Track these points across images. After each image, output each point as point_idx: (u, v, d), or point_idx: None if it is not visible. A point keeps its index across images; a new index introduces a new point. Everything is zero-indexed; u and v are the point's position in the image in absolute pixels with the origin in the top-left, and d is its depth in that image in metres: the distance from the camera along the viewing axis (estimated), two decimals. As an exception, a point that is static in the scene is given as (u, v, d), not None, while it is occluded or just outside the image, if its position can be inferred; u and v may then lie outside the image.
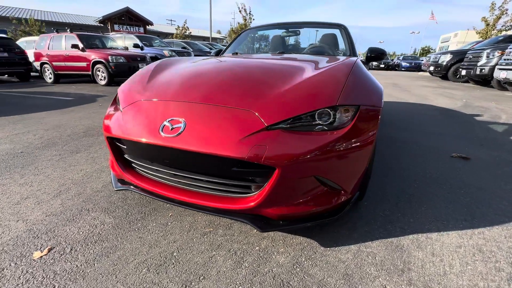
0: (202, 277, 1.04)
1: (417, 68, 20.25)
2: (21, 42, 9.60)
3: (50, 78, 7.90)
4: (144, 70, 1.66)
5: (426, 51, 48.08)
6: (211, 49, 13.19)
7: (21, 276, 1.03)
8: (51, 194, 1.62)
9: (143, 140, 1.13)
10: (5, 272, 1.05)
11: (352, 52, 2.31)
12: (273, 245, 1.22)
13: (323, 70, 1.37)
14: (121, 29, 24.89)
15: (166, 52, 8.79)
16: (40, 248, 1.18)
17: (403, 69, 21.41)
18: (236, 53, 2.56)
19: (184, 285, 1.00)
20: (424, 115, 4.14)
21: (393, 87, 8.14)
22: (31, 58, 8.12)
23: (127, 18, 26.40)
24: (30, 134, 2.82)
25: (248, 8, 16.75)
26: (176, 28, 25.07)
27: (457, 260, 1.14)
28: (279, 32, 2.80)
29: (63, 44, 7.42)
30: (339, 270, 1.08)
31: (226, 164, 1.05)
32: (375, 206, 1.53)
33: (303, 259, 1.13)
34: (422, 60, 16.85)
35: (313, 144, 1.03)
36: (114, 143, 1.33)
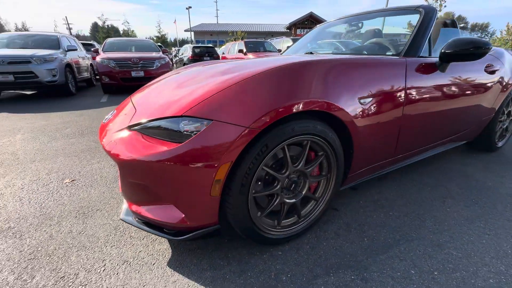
0: (82, 247, 1.35)
1: None
2: (221, 49, 13.41)
3: (225, 75, 10.62)
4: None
5: None
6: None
7: (51, 189, 1.81)
8: (116, 151, 2.49)
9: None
10: (51, 185, 1.88)
11: (411, 47, 1.54)
12: (146, 239, 1.29)
13: (229, 75, 1.15)
14: (301, 33, 27.89)
15: (312, 53, 9.10)
16: (73, 178, 1.95)
17: None
18: (280, 52, 2.42)
19: (70, 247, 1.36)
20: None
21: None
22: (220, 60, 11.28)
23: (309, 22, 28.99)
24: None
25: (442, -6, 13.30)
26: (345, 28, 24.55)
27: None
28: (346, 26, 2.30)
29: (236, 49, 9.66)
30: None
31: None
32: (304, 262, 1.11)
33: (137, 261, 1.14)
34: None
35: (144, 152, 1.01)
36: None
